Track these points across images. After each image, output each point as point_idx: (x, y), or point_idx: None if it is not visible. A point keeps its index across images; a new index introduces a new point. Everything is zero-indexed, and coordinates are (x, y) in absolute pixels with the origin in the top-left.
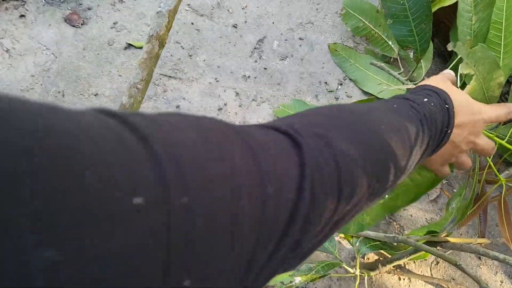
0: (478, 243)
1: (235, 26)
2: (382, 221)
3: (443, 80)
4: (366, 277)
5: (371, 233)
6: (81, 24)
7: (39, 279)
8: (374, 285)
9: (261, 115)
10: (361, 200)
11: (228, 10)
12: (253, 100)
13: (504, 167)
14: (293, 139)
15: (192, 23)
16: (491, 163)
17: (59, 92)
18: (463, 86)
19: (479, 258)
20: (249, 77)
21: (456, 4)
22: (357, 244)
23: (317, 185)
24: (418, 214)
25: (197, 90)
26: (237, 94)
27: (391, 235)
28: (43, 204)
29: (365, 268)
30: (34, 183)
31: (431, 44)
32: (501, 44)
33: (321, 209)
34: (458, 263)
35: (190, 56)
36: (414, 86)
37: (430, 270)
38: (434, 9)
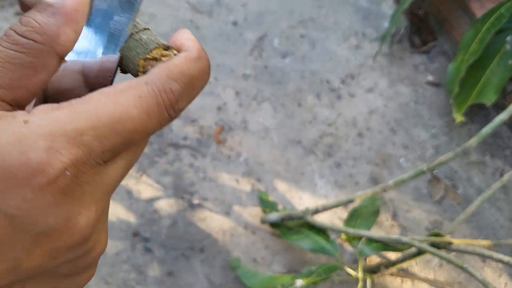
0: (482, 245)
1: (235, 24)
2: (384, 222)
3: None
4: (368, 280)
5: (374, 234)
6: None
7: None
8: None
9: (261, 114)
10: None
11: (228, 7)
12: (253, 99)
13: None
14: None
15: (191, 21)
16: None
17: None
18: None
19: (483, 260)
20: (249, 75)
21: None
22: (359, 246)
23: None
24: (421, 216)
25: None
26: (237, 93)
27: (395, 236)
28: None
29: (367, 271)
30: None
31: None
32: None
33: None
34: (464, 266)
35: None
36: None
37: (434, 273)
38: None
